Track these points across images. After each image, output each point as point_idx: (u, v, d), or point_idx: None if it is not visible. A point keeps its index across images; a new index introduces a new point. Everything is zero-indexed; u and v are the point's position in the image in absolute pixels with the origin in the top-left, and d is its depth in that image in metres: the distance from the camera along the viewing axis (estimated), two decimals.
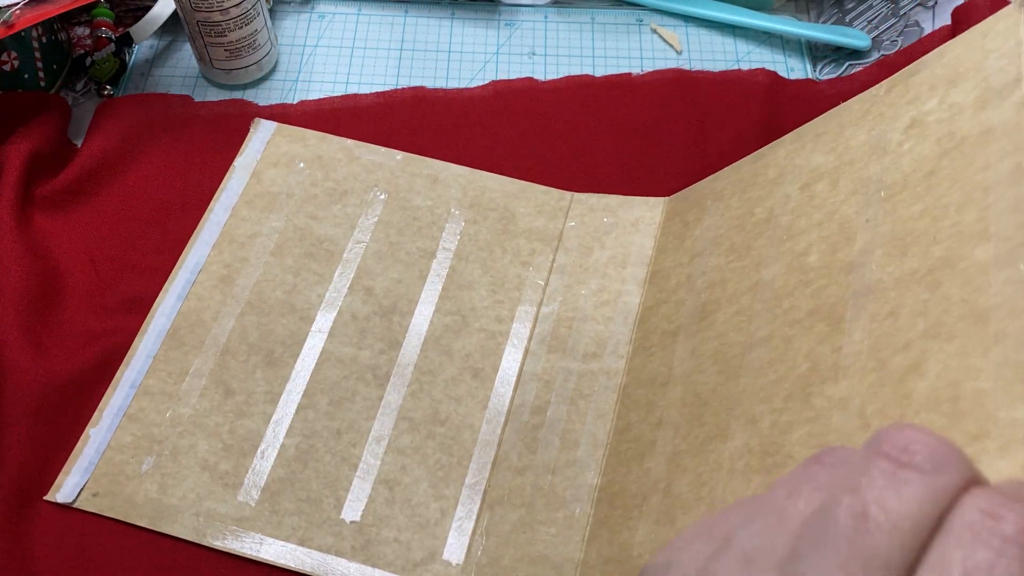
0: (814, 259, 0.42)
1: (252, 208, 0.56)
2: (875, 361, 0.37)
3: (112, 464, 0.47)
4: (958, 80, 0.42)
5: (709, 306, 0.46)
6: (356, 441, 0.48)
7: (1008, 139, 0.38)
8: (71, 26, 0.67)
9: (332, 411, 0.49)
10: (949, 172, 0.39)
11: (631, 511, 0.43)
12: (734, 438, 0.40)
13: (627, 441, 0.46)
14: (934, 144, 0.41)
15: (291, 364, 0.50)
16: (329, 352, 0.51)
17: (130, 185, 0.58)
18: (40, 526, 0.46)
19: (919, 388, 0.35)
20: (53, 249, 0.55)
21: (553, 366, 0.50)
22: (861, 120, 0.45)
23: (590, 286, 0.53)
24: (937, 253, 0.37)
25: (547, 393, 0.49)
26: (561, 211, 0.56)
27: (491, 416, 0.49)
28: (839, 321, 0.39)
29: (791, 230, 0.45)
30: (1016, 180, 0.36)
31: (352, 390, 0.49)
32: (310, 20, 0.69)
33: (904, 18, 0.63)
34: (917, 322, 0.36)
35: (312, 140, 0.59)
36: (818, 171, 0.45)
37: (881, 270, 0.39)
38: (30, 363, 0.50)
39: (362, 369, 0.50)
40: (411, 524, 0.45)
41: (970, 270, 0.36)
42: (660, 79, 0.63)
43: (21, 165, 0.56)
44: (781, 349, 0.41)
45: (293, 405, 0.49)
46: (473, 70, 0.65)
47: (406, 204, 0.56)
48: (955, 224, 0.38)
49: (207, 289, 0.53)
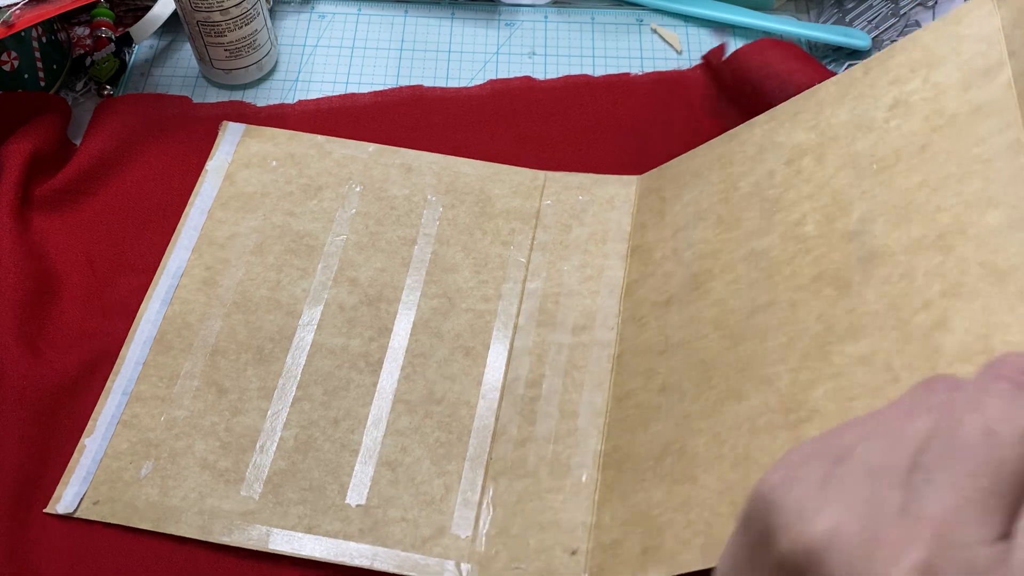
0: (810, 228, 0.44)
1: (228, 209, 0.56)
2: (895, 320, 0.39)
3: (110, 471, 0.47)
4: (937, 63, 0.44)
5: (700, 276, 0.48)
6: (354, 427, 0.48)
7: (1000, 116, 0.41)
8: (71, 26, 0.68)
9: (328, 400, 0.49)
10: (943, 146, 0.42)
11: (643, 474, 0.43)
12: (749, 398, 0.41)
13: (629, 408, 0.47)
14: (922, 121, 0.43)
15: (282, 359, 0.51)
16: (319, 344, 0.51)
17: (128, 185, 0.58)
18: (40, 536, 0.46)
19: (947, 342, 0.37)
20: (50, 249, 0.55)
21: (544, 340, 0.51)
22: (840, 100, 0.47)
23: (572, 262, 0.53)
24: (944, 220, 0.40)
25: (540, 367, 0.50)
26: (536, 190, 0.57)
27: (486, 392, 0.49)
28: (847, 285, 0.41)
29: (780, 203, 0.47)
30: (1016, 153, 0.39)
31: (346, 378, 0.50)
32: (310, 20, 0.69)
33: (904, 18, 0.63)
34: (933, 283, 0.39)
35: (282, 138, 0.59)
36: (800, 147, 0.47)
37: (886, 236, 0.41)
38: (26, 363, 0.50)
39: (354, 357, 0.50)
40: (417, 502, 0.46)
41: (983, 234, 0.38)
42: (659, 79, 0.63)
43: (20, 165, 0.56)
44: (788, 312, 0.42)
45: (288, 398, 0.49)
46: (473, 70, 0.66)
47: (382, 194, 0.57)
48: (958, 194, 0.40)
49: (191, 292, 0.53)
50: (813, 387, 0.40)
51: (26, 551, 0.45)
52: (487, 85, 0.63)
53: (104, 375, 0.51)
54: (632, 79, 0.63)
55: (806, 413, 0.40)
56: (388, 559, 0.44)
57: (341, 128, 0.60)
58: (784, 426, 0.40)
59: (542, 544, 0.44)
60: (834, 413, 0.39)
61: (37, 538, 0.46)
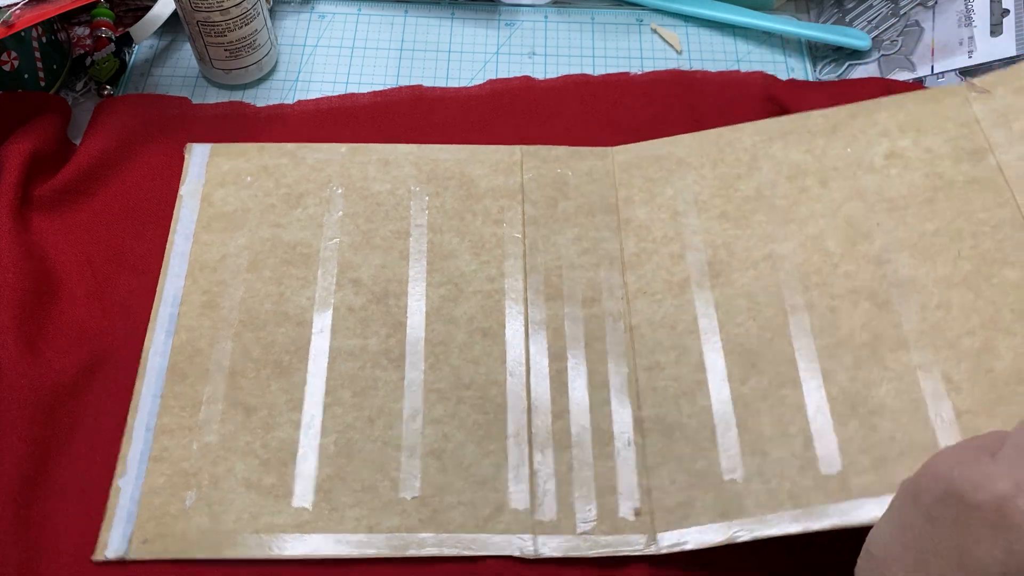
0: (832, 245, 0.50)
1: (212, 231, 0.56)
2: (943, 340, 0.46)
3: (153, 508, 0.47)
4: (925, 130, 0.53)
5: (717, 265, 0.52)
6: (391, 423, 0.49)
7: (996, 193, 0.49)
8: (71, 26, 0.68)
9: (359, 402, 0.49)
10: (950, 205, 0.50)
11: (701, 443, 0.47)
12: (808, 386, 0.47)
13: (664, 379, 0.49)
14: (923, 177, 0.51)
15: (303, 369, 0.51)
16: (337, 348, 0.51)
17: (127, 186, 0.58)
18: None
19: (998, 365, 0.44)
20: (50, 250, 0.55)
21: (556, 313, 0.52)
22: (832, 134, 0.54)
23: (567, 235, 0.55)
24: (966, 267, 0.48)
25: (559, 340, 0.51)
26: (516, 165, 0.58)
27: (512, 368, 0.50)
28: (885, 303, 0.48)
29: (792, 214, 0.52)
30: (1019, 226, 0.48)
31: (372, 377, 0.50)
32: (310, 20, 0.69)
33: (904, 18, 0.64)
34: (971, 316, 0.46)
35: (252, 152, 0.59)
36: (800, 167, 0.54)
37: (914, 269, 0.48)
38: (26, 363, 0.50)
39: (375, 356, 0.51)
40: (470, 485, 0.47)
41: (1004, 285, 0.47)
42: (657, 79, 0.63)
43: (20, 166, 0.56)
44: (829, 317, 0.48)
45: (319, 406, 0.49)
46: (473, 70, 0.66)
47: (365, 193, 0.57)
48: (974, 247, 0.48)
49: (193, 319, 0.53)
50: (877, 386, 0.45)
51: None
52: (486, 85, 0.64)
53: (104, 375, 0.51)
54: (631, 79, 0.64)
55: (875, 406, 0.45)
56: (455, 543, 0.45)
57: (340, 128, 0.60)
58: (852, 416, 0.45)
59: (604, 508, 0.46)
60: (903, 410, 0.45)
61: None
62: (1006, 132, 0.51)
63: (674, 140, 0.57)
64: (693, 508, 0.45)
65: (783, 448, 0.45)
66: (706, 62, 0.66)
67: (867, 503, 0.43)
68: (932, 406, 0.44)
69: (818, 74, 0.65)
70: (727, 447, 0.46)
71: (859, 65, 0.64)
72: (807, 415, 0.46)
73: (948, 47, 0.61)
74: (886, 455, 0.44)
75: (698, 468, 0.46)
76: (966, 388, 0.44)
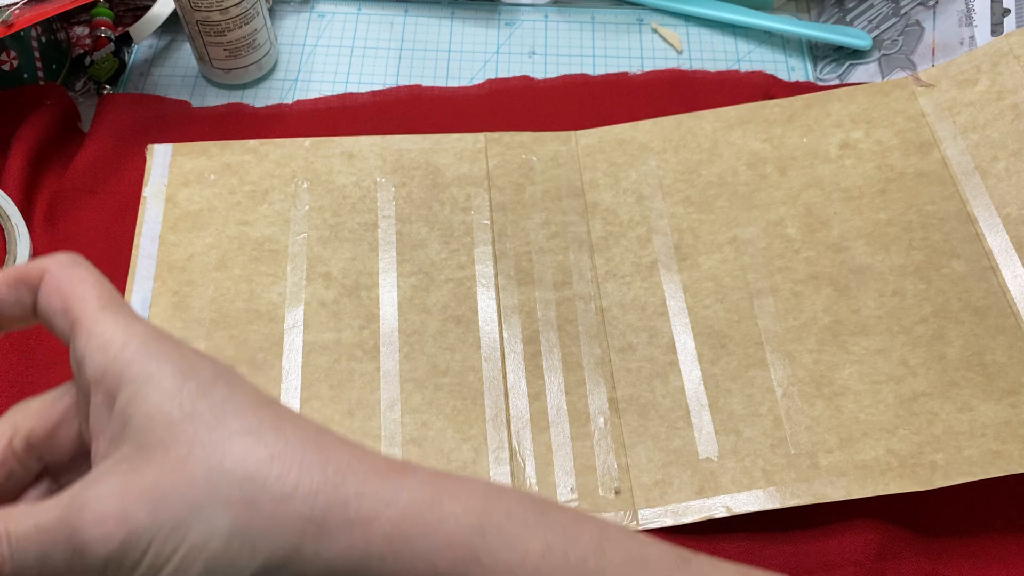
0: (793, 232, 0.53)
1: (178, 231, 0.55)
2: (899, 326, 0.49)
3: None
4: (876, 122, 0.55)
5: (683, 249, 0.53)
6: (370, 415, 0.49)
7: (942, 186, 0.52)
8: (70, 26, 0.68)
9: (335, 395, 0.50)
10: (900, 196, 0.52)
11: (675, 422, 0.48)
12: (775, 368, 0.48)
13: (637, 360, 0.50)
14: (875, 169, 0.54)
15: (277, 364, 0.51)
16: (311, 343, 0.51)
17: (127, 186, 0.58)
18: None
19: (949, 352, 0.47)
20: (50, 249, 0.54)
21: (528, 297, 0.52)
22: (789, 124, 0.56)
23: (535, 220, 0.55)
24: (918, 257, 0.50)
25: (532, 323, 0.51)
26: (480, 153, 0.58)
27: (487, 354, 0.51)
28: (845, 289, 0.50)
29: (753, 200, 0.54)
30: (964, 220, 0.51)
31: (347, 370, 0.50)
32: (310, 20, 0.69)
33: (904, 18, 0.64)
34: (924, 305, 0.49)
35: (214, 150, 0.58)
36: (759, 155, 0.56)
37: (871, 257, 0.51)
38: (25, 363, 0.50)
39: (349, 348, 0.51)
40: (451, 470, 0.47)
41: (953, 276, 0.50)
42: (657, 79, 0.63)
43: (22, 165, 0.56)
44: (792, 301, 0.50)
45: (295, 401, 0.49)
46: (473, 70, 0.66)
47: (331, 186, 0.57)
48: (924, 239, 0.50)
49: (164, 320, 0.52)
50: (839, 368, 0.47)
51: None
52: (485, 84, 0.64)
53: None
54: (630, 78, 0.64)
55: (838, 388, 0.47)
56: None
57: (340, 128, 0.61)
58: (818, 396, 0.47)
59: (585, 487, 0.46)
60: (865, 392, 0.47)
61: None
62: (950, 126, 0.53)
63: (635, 125, 0.58)
64: (671, 485, 0.46)
65: (754, 427, 0.47)
66: (706, 61, 0.66)
67: (837, 481, 0.45)
68: (891, 391, 0.47)
69: (818, 74, 0.65)
70: (701, 426, 0.47)
71: (859, 65, 0.64)
72: (776, 396, 0.48)
73: (949, 47, 0.61)
74: (851, 435, 0.46)
75: (674, 447, 0.47)
76: (921, 372, 0.47)
